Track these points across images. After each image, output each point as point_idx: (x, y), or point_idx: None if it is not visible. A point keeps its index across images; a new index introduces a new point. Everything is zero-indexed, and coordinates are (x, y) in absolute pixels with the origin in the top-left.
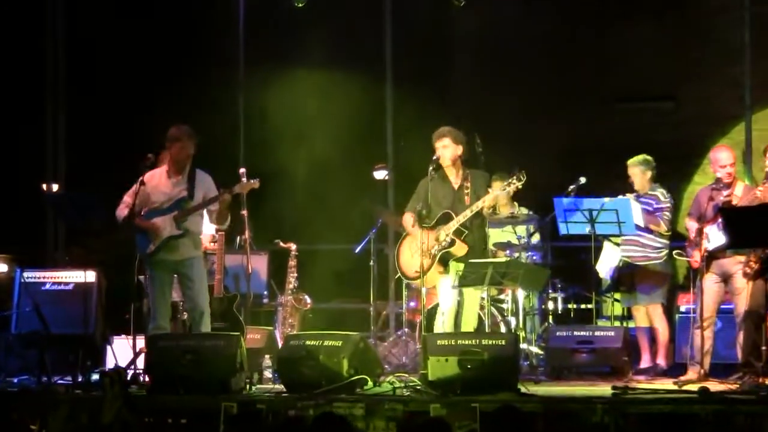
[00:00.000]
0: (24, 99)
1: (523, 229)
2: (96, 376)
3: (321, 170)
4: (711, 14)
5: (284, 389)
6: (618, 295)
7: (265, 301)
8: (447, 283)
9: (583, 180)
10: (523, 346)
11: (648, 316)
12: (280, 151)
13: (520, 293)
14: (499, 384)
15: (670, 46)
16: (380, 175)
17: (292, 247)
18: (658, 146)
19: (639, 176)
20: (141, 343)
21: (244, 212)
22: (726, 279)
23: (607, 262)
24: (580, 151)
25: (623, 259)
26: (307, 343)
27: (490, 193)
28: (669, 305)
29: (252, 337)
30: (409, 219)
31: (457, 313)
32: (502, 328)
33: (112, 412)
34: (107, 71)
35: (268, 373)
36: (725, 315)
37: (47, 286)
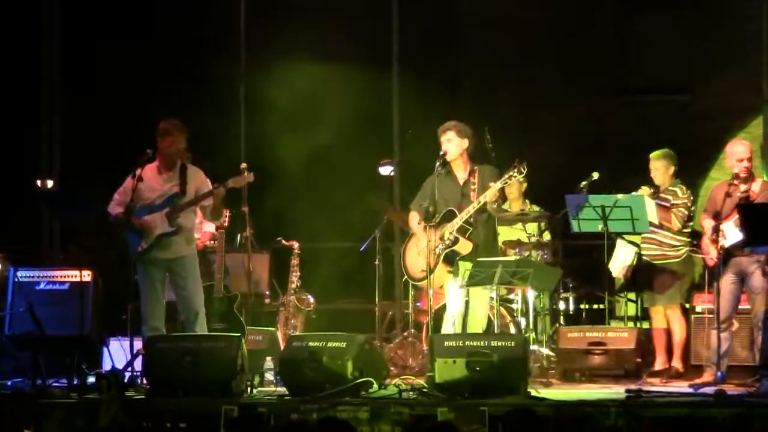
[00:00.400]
0: (19, 94)
1: (533, 226)
2: (92, 379)
3: (325, 165)
4: (728, 4)
5: (286, 392)
6: (632, 295)
7: (267, 301)
8: (454, 285)
9: (595, 175)
10: (534, 347)
11: (666, 317)
12: (282, 146)
13: (531, 293)
14: (509, 387)
15: (687, 37)
16: (386, 170)
17: (295, 245)
18: (674, 140)
19: (662, 170)
20: (138, 344)
21: (245, 209)
22: (743, 278)
23: (621, 260)
24: (593, 146)
25: (643, 258)
26: (311, 344)
27: (490, 188)
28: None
29: (253, 339)
30: (415, 217)
31: (465, 313)
32: (512, 329)
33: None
34: (104, 65)
35: (270, 376)
36: (743, 316)
37: (42, 286)
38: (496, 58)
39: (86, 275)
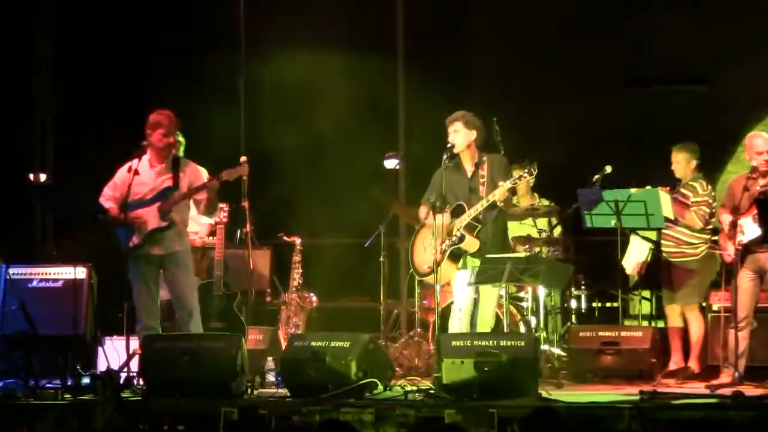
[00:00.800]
0: (10, 85)
1: (544, 221)
2: (87, 380)
3: (328, 159)
4: None
5: (288, 393)
6: (646, 293)
7: (268, 299)
8: (463, 277)
9: (608, 169)
10: (544, 347)
11: (683, 316)
12: (283, 139)
13: (541, 291)
14: (519, 388)
15: (703, 26)
16: (391, 163)
17: (297, 241)
18: (689, 132)
19: (683, 164)
20: (135, 344)
21: (245, 203)
22: (762, 275)
23: (635, 257)
24: (606, 138)
25: (663, 255)
26: (313, 344)
27: (499, 187)
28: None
29: (254, 338)
30: (423, 212)
31: (473, 311)
32: (522, 328)
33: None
34: (99, 53)
35: (271, 377)
36: (761, 314)
37: (34, 283)
38: (504, 48)
39: (81, 272)
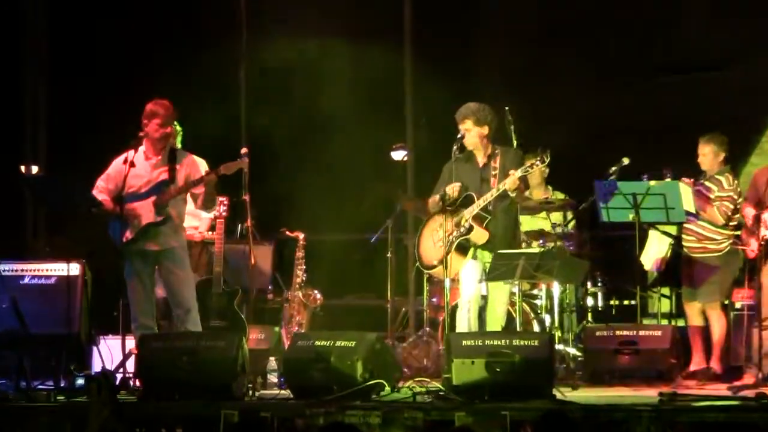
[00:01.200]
0: None
1: (558, 215)
2: (81, 381)
3: (333, 151)
4: None
5: (291, 395)
6: (666, 290)
7: (270, 296)
8: (471, 269)
9: (626, 161)
10: (559, 347)
11: (704, 315)
12: (286, 129)
13: (556, 288)
14: (532, 389)
15: (724, 13)
16: (399, 155)
17: (300, 236)
18: (710, 122)
19: (711, 156)
20: (131, 343)
21: (246, 197)
22: None
23: (654, 252)
24: (623, 128)
25: (684, 251)
26: (317, 343)
27: (510, 176)
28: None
29: (255, 337)
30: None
31: (484, 309)
32: (536, 327)
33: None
34: (94, 41)
35: (274, 377)
36: None
37: (26, 280)
38: (516, 35)
39: (74, 268)
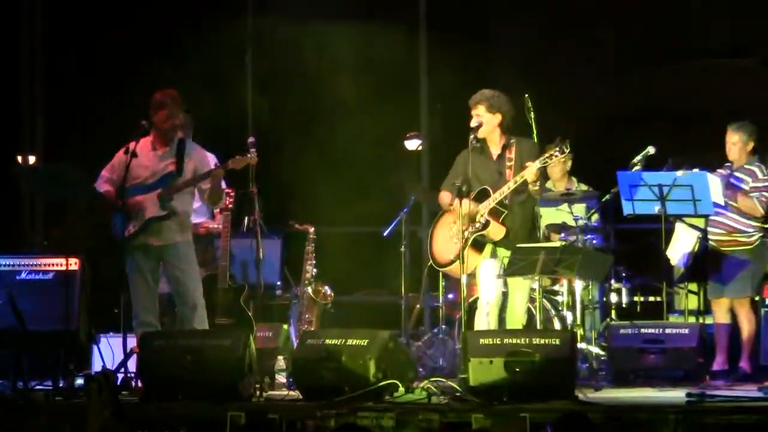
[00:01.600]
0: None
1: (580, 207)
2: (80, 381)
3: (343, 140)
4: None
5: (300, 396)
6: (693, 286)
7: (278, 292)
8: (489, 268)
9: (651, 150)
10: (581, 345)
11: (732, 312)
12: (295, 117)
13: (578, 284)
14: (553, 390)
15: None
16: (413, 144)
17: (310, 229)
18: (736, 109)
19: (739, 145)
20: (133, 341)
21: (254, 189)
22: None
23: (681, 246)
24: (648, 116)
25: (710, 243)
26: (328, 342)
27: (528, 168)
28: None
29: (263, 335)
30: (446, 197)
31: (503, 306)
32: (557, 325)
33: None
34: (93, 23)
35: (282, 378)
36: None
37: (22, 275)
38: (534, 18)
39: (73, 263)
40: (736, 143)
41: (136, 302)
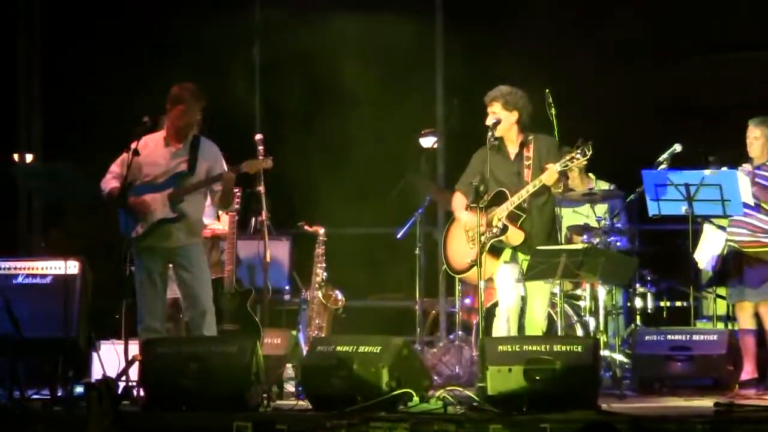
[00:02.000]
0: None
1: (603, 208)
2: (80, 389)
3: (355, 136)
4: None
5: (310, 406)
6: (722, 291)
7: (287, 297)
8: (507, 273)
9: (678, 147)
10: (605, 353)
11: (758, 316)
12: (304, 113)
13: (601, 288)
14: (575, 399)
15: None
16: (428, 142)
17: (320, 231)
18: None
19: (762, 141)
20: (135, 349)
21: (261, 188)
22: None
23: (709, 249)
24: (675, 112)
25: (730, 244)
26: (339, 349)
27: (548, 170)
28: None
29: (270, 342)
30: (459, 200)
31: (522, 311)
32: (579, 331)
33: None
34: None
35: (291, 386)
36: None
37: (19, 279)
38: (557, 9)
39: (72, 266)
40: (759, 138)
41: (142, 306)
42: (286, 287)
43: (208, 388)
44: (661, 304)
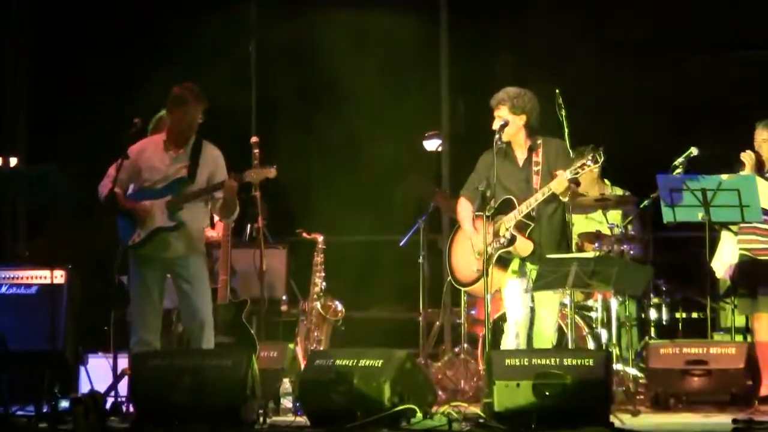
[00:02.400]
0: None
1: (616, 215)
2: (66, 404)
3: (355, 139)
4: None
5: (308, 422)
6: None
7: (284, 308)
8: (516, 285)
9: (694, 151)
10: (617, 366)
11: None
12: (301, 114)
13: (614, 299)
14: (586, 416)
15: None
16: (432, 145)
17: (319, 238)
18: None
19: None
20: (124, 362)
21: (257, 193)
22: None
23: (727, 257)
24: (691, 113)
25: (742, 252)
26: (338, 362)
27: (557, 177)
28: None
29: (267, 355)
30: (464, 207)
31: (531, 323)
32: (590, 344)
33: None
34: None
35: (288, 402)
36: None
37: (3, 290)
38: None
39: (59, 276)
40: (767, 141)
41: (136, 318)
42: (283, 298)
43: (202, 404)
44: (677, 315)
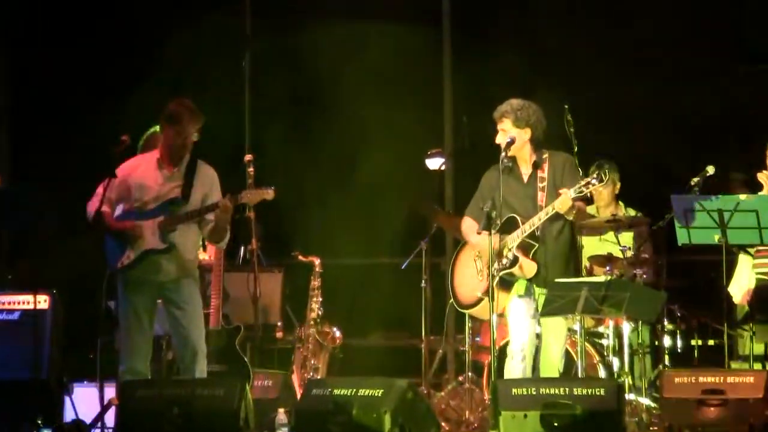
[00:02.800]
0: None
1: (628, 237)
2: None
3: (354, 157)
4: None
5: None
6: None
7: (279, 335)
8: (520, 308)
9: (711, 170)
10: (630, 396)
11: None
12: (298, 131)
13: (626, 325)
14: None
15: None
16: (435, 163)
17: (316, 261)
18: None
19: None
20: (111, 392)
21: (251, 214)
22: None
23: (745, 281)
24: (707, 129)
25: (759, 276)
26: (336, 392)
27: (561, 195)
28: None
29: (261, 384)
30: (469, 226)
31: (538, 350)
32: (601, 373)
33: None
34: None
35: None
36: None
37: None
38: (575, 18)
39: (42, 301)
40: None
41: (125, 345)
42: (279, 323)
43: None
44: (692, 342)
